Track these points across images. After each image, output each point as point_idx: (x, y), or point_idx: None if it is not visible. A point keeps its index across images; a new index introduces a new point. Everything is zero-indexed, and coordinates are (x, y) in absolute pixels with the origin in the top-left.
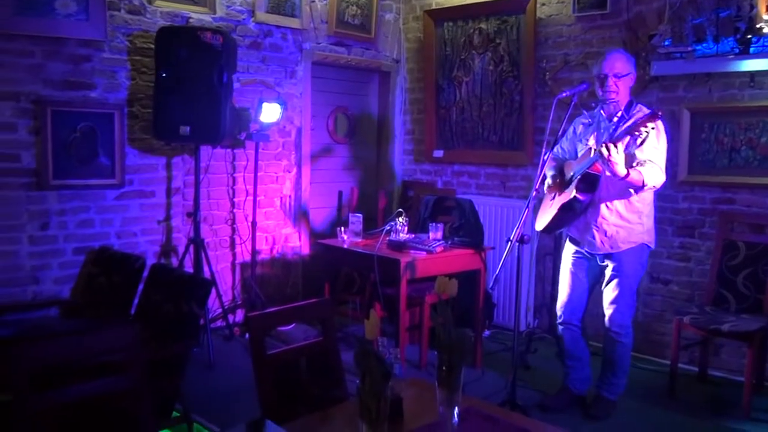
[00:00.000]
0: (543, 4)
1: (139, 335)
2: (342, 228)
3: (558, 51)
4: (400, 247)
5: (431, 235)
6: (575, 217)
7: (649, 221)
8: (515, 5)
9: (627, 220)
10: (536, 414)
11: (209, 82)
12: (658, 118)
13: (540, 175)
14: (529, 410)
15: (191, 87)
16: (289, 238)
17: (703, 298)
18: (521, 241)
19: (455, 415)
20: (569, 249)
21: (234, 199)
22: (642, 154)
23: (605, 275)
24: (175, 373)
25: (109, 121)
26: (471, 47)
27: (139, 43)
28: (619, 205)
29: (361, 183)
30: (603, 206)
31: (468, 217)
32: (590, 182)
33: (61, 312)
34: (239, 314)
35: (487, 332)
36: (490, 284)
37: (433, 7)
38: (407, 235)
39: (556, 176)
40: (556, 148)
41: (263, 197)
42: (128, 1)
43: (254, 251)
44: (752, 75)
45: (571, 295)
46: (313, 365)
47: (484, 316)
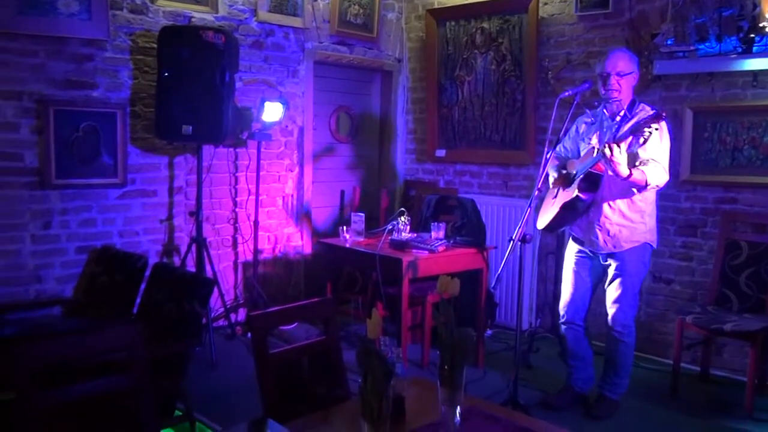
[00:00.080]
0: (545, 4)
1: (142, 334)
2: (344, 227)
3: (560, 50)
4: (402, 246)
5: (433, 234)
6: (577, 216)
7: (652, 220)
8: (517, 4)
9: (630, 220)
10: (538, 413)
11: (211, 81)
12: (663, 118)
13: (542, 174)
14: (531, 410)
15: (193, 86)
16: (291, 238)
17: (705, 298)
18: (523, 240)
19: (457, 414)
20: (572, 248)
21: (236, 199)
22: (645, 153)
23: (608, 274)
24: (177, 372)
25: (112, 121)
26: (473, 46)
27: (141, 43)
28: (621, 204)
29: (363, 182)
30: (606, 205)
31: (470, 216)
32: (593, 181)
33: (63, 311)
34: (241, 313)
35: (489, 332)
36: (492, 283)
37: (436, 6)
38: (409, 235)
39: (561, 169)
40: (558, 147)
41: (265, 196)
42: (131, 0)
43: (256, 250)
44: (755, 74)
45: (575, 294)
46: (315, 364)
47: (486, 316)
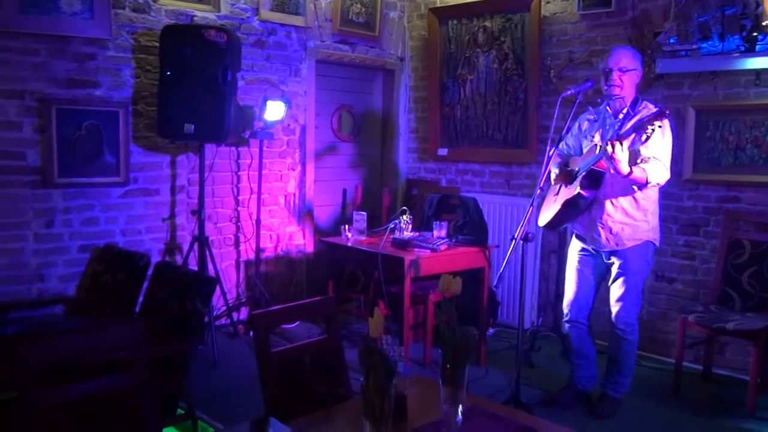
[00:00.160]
0: (547, 2)
1: (144, 333)
2: (346, 226)
3: (562, 49)
4: (404, 245)
5: (435, 233)
6: (579, 213)
7: (654, 219)
8: (520, 3)
9: (632, 218)
10: (540, 412)
11: (214, 80)
12: (666, 116)
13: (545, 172)
14: (533, 408)
15: (196, 85)
16: (293, 236)
17: (708, 297)
18: (525, 239)
19: (459, 412)
20: (575, 246)
21: (238, 197)
22: (647, 150)
23: (611, 273)
24: (179, 371)
25: (114, 120)
26: (475, 45)
27: (143, 42)
28: (624, 202)
29: (365, 181)
30: (608, 203)
31: (472, 215)
32: (595, 179)
33: (66, 309)
34: (243, 312)
35: (491, 330)
36: (495, 282)
37: (438, 5)
38: (411, 233)
39: (563, 166)
40: (561, 145)
41: (267, 195)
42: None
43: (258, 249)
44: (758, 73)
45: (578, 292)
46: (317, 363)
47: (489, 314)
